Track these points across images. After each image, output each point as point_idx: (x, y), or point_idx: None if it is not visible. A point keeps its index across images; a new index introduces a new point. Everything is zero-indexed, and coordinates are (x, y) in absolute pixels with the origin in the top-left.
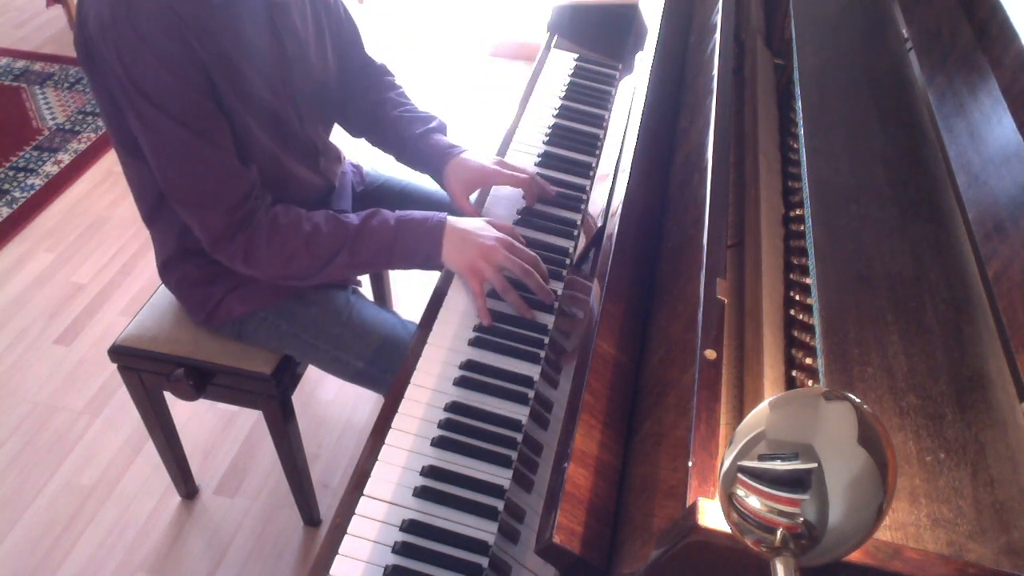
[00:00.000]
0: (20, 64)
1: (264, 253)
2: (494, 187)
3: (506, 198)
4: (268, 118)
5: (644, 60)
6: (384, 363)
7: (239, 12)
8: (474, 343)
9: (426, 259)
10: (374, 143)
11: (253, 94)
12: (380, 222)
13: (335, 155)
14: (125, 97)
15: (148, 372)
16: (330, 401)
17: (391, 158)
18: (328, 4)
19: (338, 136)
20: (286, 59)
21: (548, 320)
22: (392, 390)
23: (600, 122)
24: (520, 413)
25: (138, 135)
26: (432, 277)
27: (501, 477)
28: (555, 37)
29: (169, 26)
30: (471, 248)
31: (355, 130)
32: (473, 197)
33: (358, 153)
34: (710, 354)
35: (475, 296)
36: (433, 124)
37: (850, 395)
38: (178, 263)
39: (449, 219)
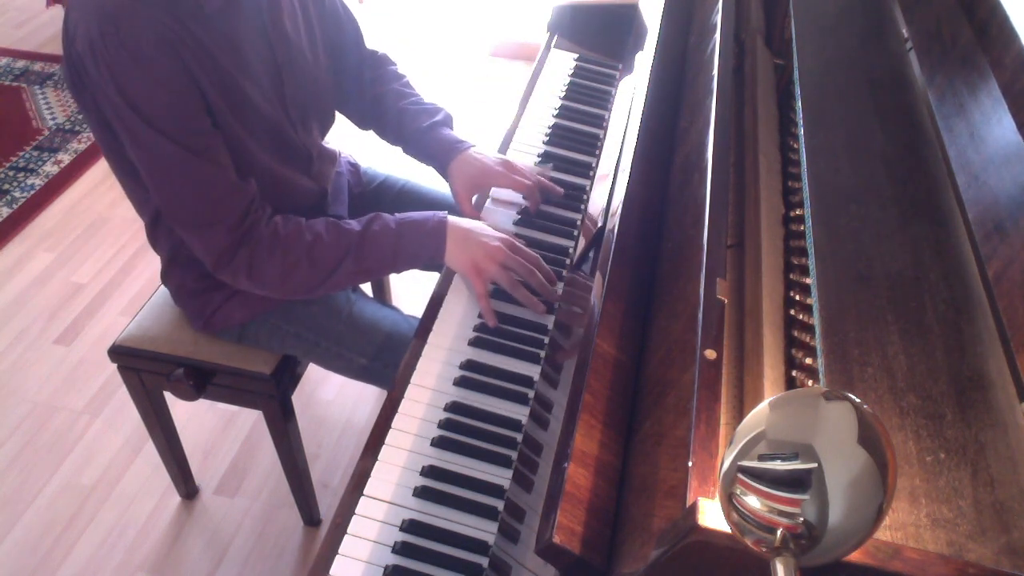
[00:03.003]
0: (20, 64)
1: (267, 267)
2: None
3: (507, 200)
4: (263, 128)
5: (644, 60)
6: (388, 358)
7: (234, 22)
8: (474, 343)
9: (429, 260)
10: (381, 135)
11: (248, 105)
12: (382, 226)
13: (329, 157)
14: (118, 118)
15: (148, 372)
16: (330, 401)
17: (389, 155)
18: (319, 3)
19: (335, 133)
20: (277, 66)
21: (548, 320)
22: (392, 390)
23: (600, 122)
24: (520, 413)
25: (133, 156)
26: (432, 275)
27: (501, 477)
28: (555, 37)
29: (160, 42)
30: (475, 248)
31: (361, 122)
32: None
33: (356, 150)
34: (710, 354)
35: (479, 297)
36: (439, 117)
37: (850, 395)
38: (175, 271)
39: (450, 218)
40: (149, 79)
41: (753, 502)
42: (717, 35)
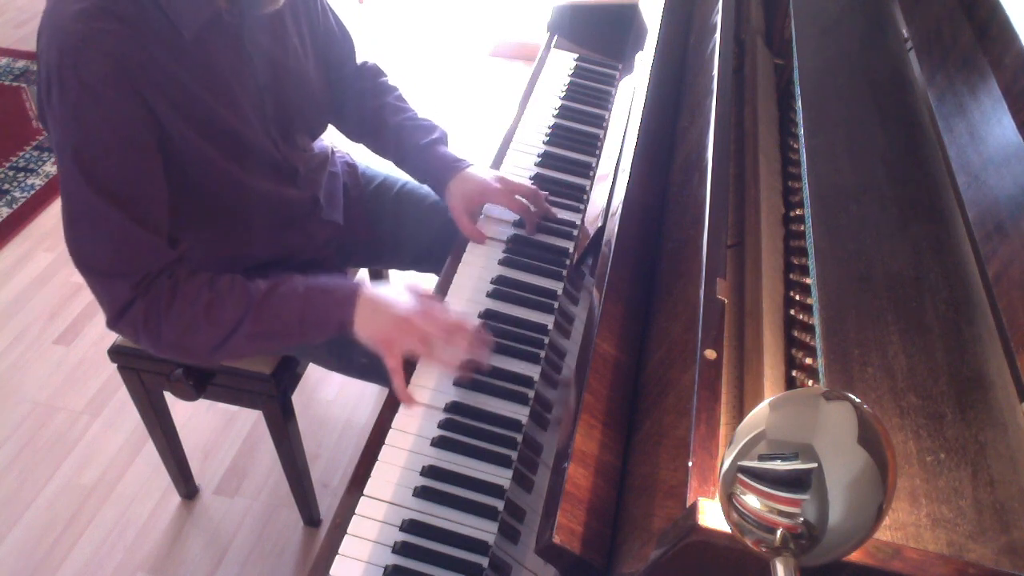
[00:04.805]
0: (20, 64)
1: (164, 321)
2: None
3: (498, 218)
4: (242, 150)
5: (644, 60)
6: None
7: (213, 49)
8: None
9: (339, 329)
10: (374, 149)
11: (224, 131)
12: (288, 289)
13: (318, 162)
14: (58, 151)
15: (148, 372)
16: (330, 401)
17: None
18: (313, 20)
19: (332, 130)
20: (259, 89)
21: (548, 320)
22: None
23: (600, 122)
24: (520, 413)
25: (61, 193)
26: (431, 277)
27: (501, 477)
28: (555, 37)
29: (120, 78)
30: (384, 320)
31: (353, 135)
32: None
33: (354, 148)
34: (710, 354)
35: (391, 373)
36: (436, 135)
37: (850, 395)
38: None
39: (363, 288)
40: (99, 117)
41: (753, 502)
42: (717, 35)
